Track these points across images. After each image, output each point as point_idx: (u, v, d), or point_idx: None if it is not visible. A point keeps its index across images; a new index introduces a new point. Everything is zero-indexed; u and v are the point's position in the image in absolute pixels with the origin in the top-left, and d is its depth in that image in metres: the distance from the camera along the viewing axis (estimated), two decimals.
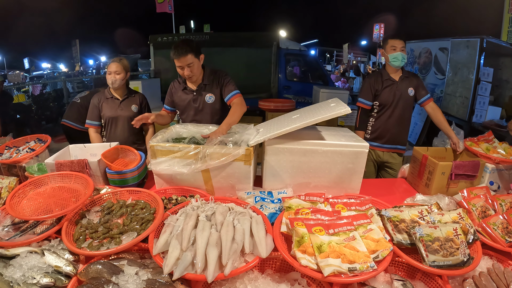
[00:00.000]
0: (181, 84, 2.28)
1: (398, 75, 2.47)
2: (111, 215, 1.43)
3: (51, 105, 7.91)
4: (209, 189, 1.71)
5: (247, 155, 1.58)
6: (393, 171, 2.59)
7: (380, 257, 1.15)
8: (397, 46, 2.35)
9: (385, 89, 2.46)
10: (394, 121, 2.50)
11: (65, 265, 1.16)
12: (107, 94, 2.50)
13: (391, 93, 2.45)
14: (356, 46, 20.74)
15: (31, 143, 2.10)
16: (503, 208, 1.54)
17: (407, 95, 2.46)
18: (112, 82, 2.40)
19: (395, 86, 2.45)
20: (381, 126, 2.53)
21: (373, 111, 2.56)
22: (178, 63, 2.06)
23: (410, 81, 2.47)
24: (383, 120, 2.52)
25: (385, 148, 2.57)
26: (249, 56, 5.16)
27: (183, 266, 1.08)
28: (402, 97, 2.45)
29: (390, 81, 2.46)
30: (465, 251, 1.17)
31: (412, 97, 2.48)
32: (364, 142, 1.64)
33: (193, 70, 2.10)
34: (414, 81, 2.48)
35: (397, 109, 2.47)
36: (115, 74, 2.39)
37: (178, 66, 2.08)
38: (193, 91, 2.24)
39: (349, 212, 1.39)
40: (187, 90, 2.26)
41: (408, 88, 2.45)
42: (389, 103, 2.47)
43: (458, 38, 4.49)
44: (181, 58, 2.03)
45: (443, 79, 4.83)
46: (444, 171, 1.75)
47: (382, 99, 2.48)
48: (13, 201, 1.42)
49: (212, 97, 2.23)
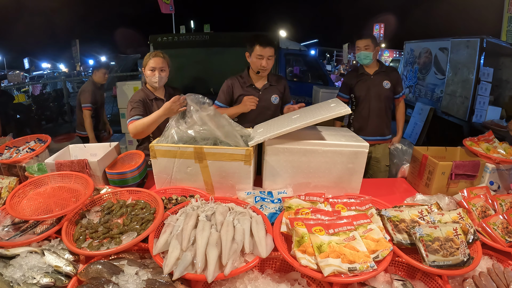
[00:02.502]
0: (246, 81, 2.27)
1: (373, 70, 2.63)
2: (111, 215, 1.43)
3: (51, 105, 7.92)
4: (209, 189, 1.71)
5: (247, 155, 1.58)
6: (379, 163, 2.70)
7: (380, 257, 1.15)
8: (360, 46, 2.55)
9: (358, 82, 2.65)
10: (371, 113, 2.65)
11: (65, 265, 1.16)
12: (150, 94, 2.14)
13: (365, 87, 2.62)
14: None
15: (31, 143, 2.10)
16: (503, 208, 1.54)
17: (382, 88, 2.60)
18: (157, 81, 2.06)
19: (368, 80, 2.61)
20: (360, 119, 2.70)
21: (352, 105, 2.74)
22: (261, 52, 2.10)
23: (386, 75, 2.62)
24: (361, 113, 2.69)
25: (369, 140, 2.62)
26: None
27: (183, 266, 1.08)
28: (376, 90, 2.60)
29: (364, 75, 2.64)
30: (465, 251, 1.17)
31: (388, 89, 2.61)
32: (364, 142, 1.64)
33: (269, 63, 2.15)
34: (391, 75, 2.64)
35: (372, 100, 2.63)
36: (159, 71, 2.06)
37: (258, 56, 2.12)
38: (259, 90, 2.27)
39: (349, 212, 1.39)
40: (251, 88, 2.27)
41: (383, 81, 2.59)
42: (362, 95, 2.64)
43: (458, 38, 4.50)
44: (267, 48, 2.10)
45: (443, 79, 4.83)
46: (444, 171, 1.75)
47: (356, 92, 2.67)
48: (13, 201, 1.42)
49: (277, 98, 2.30)
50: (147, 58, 2.10)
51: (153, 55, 2.08)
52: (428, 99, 5.27)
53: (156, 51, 2.12)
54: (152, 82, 2.10)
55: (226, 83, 2.29)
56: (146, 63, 2.09)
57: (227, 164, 1.61)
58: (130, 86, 4.29)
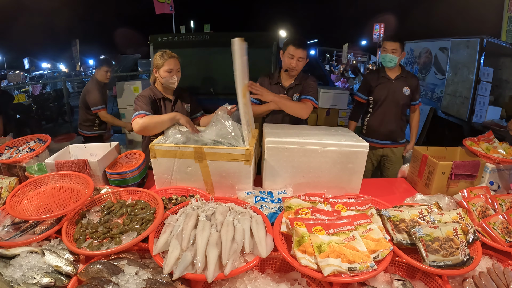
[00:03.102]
0: (274, 79, 2.34)
1: (394, 74, 2.58)
2: (111, 215, 1.43)
3: (51, 105, 7.92)
4: (209, 188, 1.71)
5: (247, 155, 1.58)
6: (393, 166, 2.70)
7: (380, 257, 1.15)
8: (387, 48, 2.49)
9: (379, 85, 2.60)
10: (387, 118, 2.62)
11: (65, 265, 1.16)
12: (157, 93, 2.12)
13: (385, 90, 2.57)
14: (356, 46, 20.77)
15: (31, 143, 2.10)
16: (503, 208, 1.54)
17: (402, 94, 2.56)
18: (175, 82, 2.06)
19: (389, 84, 2.56)
20: (376, 123, 2.66)
21: (369, 107, 2.69)
22: (293, 52, 2.16)
23: (406, 81, 2.57)
24: (377, 116, 2.65)
25: (381, 144, 2.68)
26: (249, 56, 5.16)
27: (183, 266, 1.08)
28: (395, 95, 2.56)
29: (385, 78, 2.58)
30: (465, 251, 1.17)
31: (407, 96, 2.58)
32: (364, 142, 1.64)
33: (299, 65, 2.20)
34: (411, 82, 2.59)
35: (390, 106, 2.59)
36: (176, 72, 2.06)
37: (290, 55, 2.17)
38: (285, 88, 2.32)
39: (349, 212, 1.39)
40: (279, 86, 2.33)
41: (403, 87, 2.55)
42: (381, 99, 2.59)
43: (458, 38, 4.49)
44: (299, 49, 2.15)
45: (443, 79, 4.83)
46: (444, 171, 1.75)
47: (375, 95, 2.62)
48: (13, 201, 1.42)
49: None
50: (161, 59, 2.05)
51: (169, 56, 2.05)
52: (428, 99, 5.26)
53: (169, 52, 2.08)
54: (170, 83, 2.08)
55: (258, 80, 2.37)
56: (161, 64, 2.05)
57: (227, 164, 1.61)
58: (130, 86, 4.28)
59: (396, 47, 2.45)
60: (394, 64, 2.50)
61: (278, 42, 5.42)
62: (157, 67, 2.07)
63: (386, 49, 2.49)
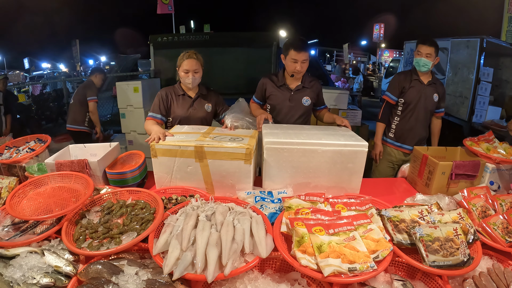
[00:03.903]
0: (279, 80, 2.31)
1: (427, 79, 2.50)
2: (111, 215, 1.43)
3: (51, 105, 7.92)
4: (209, 188, 1.71)
5: (247, 154, 1.58)
6: None
7: (380, 257, 1.15)
8: (422, 52, 2.41)
9: (411, 88, 2.50)
10: (417, 122, 2.54)
11: (65, 265, 1.16)
12: (178, 90, 2.20)
13: (417, 94, 2.48)
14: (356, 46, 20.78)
15: (31, 143, 2.10)
16: (503, 208, 1.54)
17: (432, 100, 2.50)
18: (191, 82, 2.11)
19: (422, 88, 2.48)
20: (406, 126, 2.56)
21: (397, 109, 2.59)
22: (296, 57, 2.14)
23: (437, 88, 2.51)
24: (407, 120, 2.55)
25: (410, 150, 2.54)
26: (249, 56, 5.16)
27: (183, 266, 1.08)
28: (427, 100, 2.49)
29: (418, 82, 2.49)
30: (465, 251, 1.17)
31: (436, 102, 2.51)
32: (363, 141, 1.63)
33: (303, 67, 2.19)
34: (440, 90, 2.53)
35: (420, 110, 2.51)
36: (193, 73, 2.09)
37: (293, 59, 2.16)
38: (291, 90, 2.29)
39: (349, 212, 1.38)
40: (284, 88, 2.30)
41: (434, 93, 2.49)
42: (413, 102, 2.50)
43: (458, 38, 4.50)
44: (302, 52, 2.14)
45: (443, 79, 4.83)
46: (444, 171, 1.75)
47: (407, 97, 2.51)
48: (13, 201, 1.42)
49: (309, 101, 2.30)
50: (181, 59, 2.12)
51: (187, 57, 2.09)
52: None
53: (190, 52, 2.13)
54: (186, 83, 2.14)
55: (260, 81, 2.37)
56: (179, 64, 2.13)
57: (227, 163, 1.61)
58: (130, 86, 4.27)
59: (431, 52, 2.38)
60: (428, 68, 2.42)
61: (278, 42, 5.42)
62: (178, 66, 2.16)
63: (421, 53, 2.40)
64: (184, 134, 1.81)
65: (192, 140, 1.68)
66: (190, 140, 1.68)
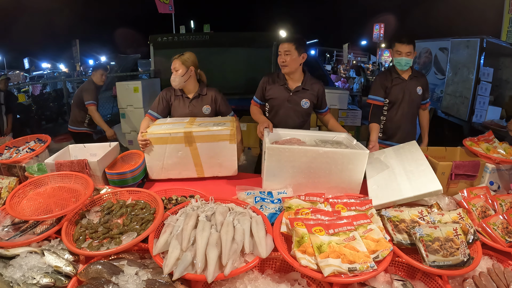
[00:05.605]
0: (281, 79, 2.28)
1: (407, 74, 2.51)
2: (111, 215, 1.43)
3: (51, 105, 7.91)
4: (199, 169, 1.89)
5: (231, 135, 1.82)
6: None
7: (380, 257, 1.15)
8: (402, 52, 2.38)
9: (394, 86, 2.51)
10: (404, 119, 2.55)
11: (65, 265, 1.16)
12: (177, 90, 2.27)
13: (401, 91, 2.49)
14: (356, 46, 20.79)
15: (31, 143, 2.10)
16: (503, 208, 1.53)
17: (415, 93, 2.50)
18: (172, 80, 2.18)
19: (404, 84, 2.50)
20: (393, 125, 2.58)
21: (383, 108, 2.59)
22: (280, 48, 2.15)
23: (418, 80, 2.52)
24: (393, 118, 2.56)
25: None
26: (249, 56, 5.17)
27: (183, 266, 1.08)
28: (411, 95, 2.50)
29: (399, 79, 2.50)
30: (465, 251, 1.17)
31: (420, 95, 2.53)
32: (366, 149, 1.64)
33: (287, 59, 2.14)
34: (422, 81, 2.54)
35: (406, 107, 2.52)
36: (174, 71, 2.18)
37: (279, 52, 2.16)
38: (290, 90, 2.27)
39: (349, 212, 1.38)
40: (284, 88, 2.27)
41: (417, 87, 2.50)
42: (398, 100, 2.51)
43: (458, 38, 4.49)
44: (284, 44, 2.14)
45: (443, 79, 4.83)
46: (444, 171, 1.75)
47: (391, 96, 2.52)
48: (13, 201, 1.42)
49: (308, 103, 2.27)
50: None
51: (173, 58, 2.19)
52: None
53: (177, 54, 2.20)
54: (171, 82, 2.21)
55: (262, 79, 2.35)
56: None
57: (214, 145, 1.84)
58: (130, 86, 4.27)
59: (411, 50, 2.38)
60: (409, 66, 2.44)
61: (278, 42, 5.42)
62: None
63: (401, 53, 2.38)
64: (170, 124, 1.97)
65: (180, 128, 1.84)
66: (178, 128, 1.85)
